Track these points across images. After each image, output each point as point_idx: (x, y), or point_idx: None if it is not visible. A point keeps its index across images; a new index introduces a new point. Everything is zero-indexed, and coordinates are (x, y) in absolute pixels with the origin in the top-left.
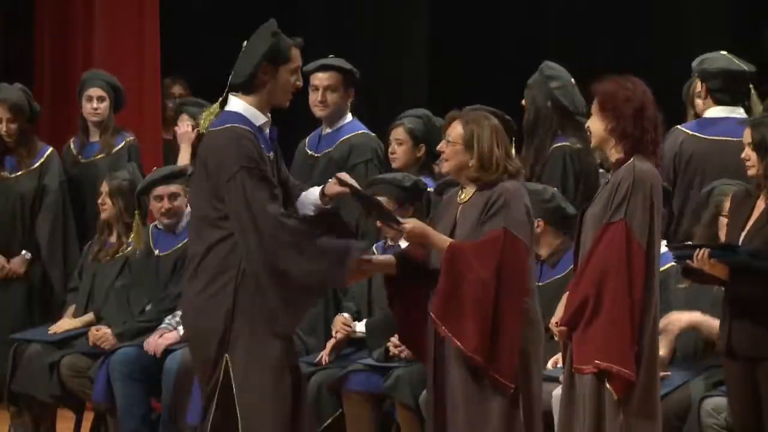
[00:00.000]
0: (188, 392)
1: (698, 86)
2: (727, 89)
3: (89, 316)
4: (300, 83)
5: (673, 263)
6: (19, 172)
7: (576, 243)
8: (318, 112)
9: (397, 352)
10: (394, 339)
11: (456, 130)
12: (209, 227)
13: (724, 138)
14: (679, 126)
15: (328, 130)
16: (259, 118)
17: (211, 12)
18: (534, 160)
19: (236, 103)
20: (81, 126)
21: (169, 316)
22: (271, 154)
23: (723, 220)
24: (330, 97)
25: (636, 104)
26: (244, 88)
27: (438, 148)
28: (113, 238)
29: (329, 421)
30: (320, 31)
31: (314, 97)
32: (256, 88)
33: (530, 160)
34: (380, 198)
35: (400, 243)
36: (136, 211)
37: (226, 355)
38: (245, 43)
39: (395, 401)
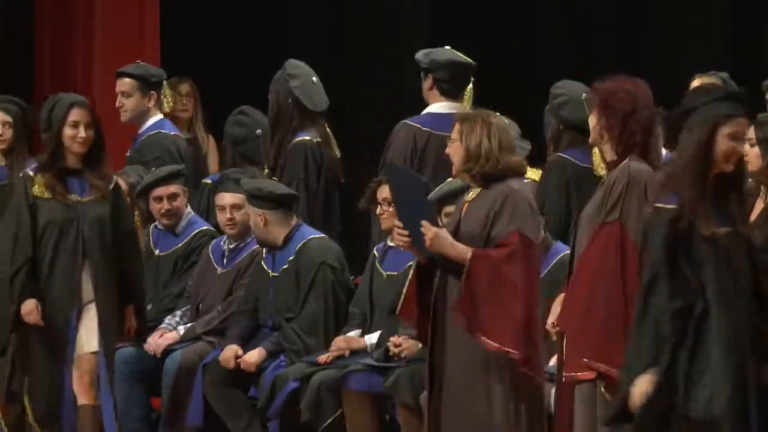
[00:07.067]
0: (188, 392)
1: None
2: (453, 81)
3: None
4: None
5: None
6: None
7: (572, 245)
8: (122, 118)
9: (396, 352)
10: (394, 339)
11: (455, 128)
12: None
13: None
14: (407, 120)
15: (139, 132)
16: None
17: (211, 12)
18: (276, 154)
19: None
20: None
21: (169, 316)
22: None
23: None
24: (126, 102)
25: (628, 106)
26: None
27: (446, 151)
28: None
29: (329, 421)
30: (317, 33)
31: (117, 104)
32: None
33: (272, 153)
34: None
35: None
36: (136, 212)
37: None
38: None
39: (395, 401)
